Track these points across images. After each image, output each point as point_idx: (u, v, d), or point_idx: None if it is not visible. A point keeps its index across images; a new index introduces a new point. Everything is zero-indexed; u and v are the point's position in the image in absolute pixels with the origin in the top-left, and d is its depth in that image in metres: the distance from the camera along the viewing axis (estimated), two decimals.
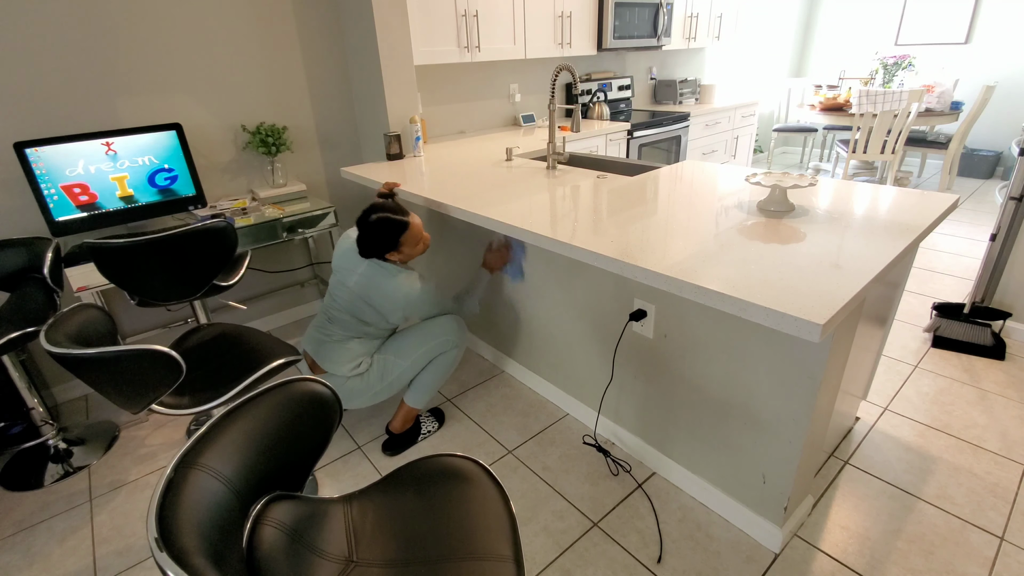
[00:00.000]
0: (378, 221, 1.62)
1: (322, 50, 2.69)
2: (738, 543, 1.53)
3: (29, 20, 1.96)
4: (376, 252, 1.66)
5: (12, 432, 2.08)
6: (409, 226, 1.66)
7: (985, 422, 1.94)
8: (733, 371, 1.42)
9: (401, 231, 1.65)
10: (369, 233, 1.63)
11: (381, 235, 1.63)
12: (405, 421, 1.97)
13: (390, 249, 1.66)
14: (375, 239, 1.63)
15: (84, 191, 2.06)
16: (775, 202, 1.56)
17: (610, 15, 3.39)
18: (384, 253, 1.67)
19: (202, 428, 0.88)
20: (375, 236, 1.63)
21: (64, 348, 1.17)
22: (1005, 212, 2.25)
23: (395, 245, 1.66)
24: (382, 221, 1.62)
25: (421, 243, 1.73)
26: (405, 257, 1.72)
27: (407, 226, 1.66)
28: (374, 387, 1.82)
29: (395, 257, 1.70)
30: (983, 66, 4.88)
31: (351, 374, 1.77)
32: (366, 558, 0.98)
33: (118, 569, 1.57)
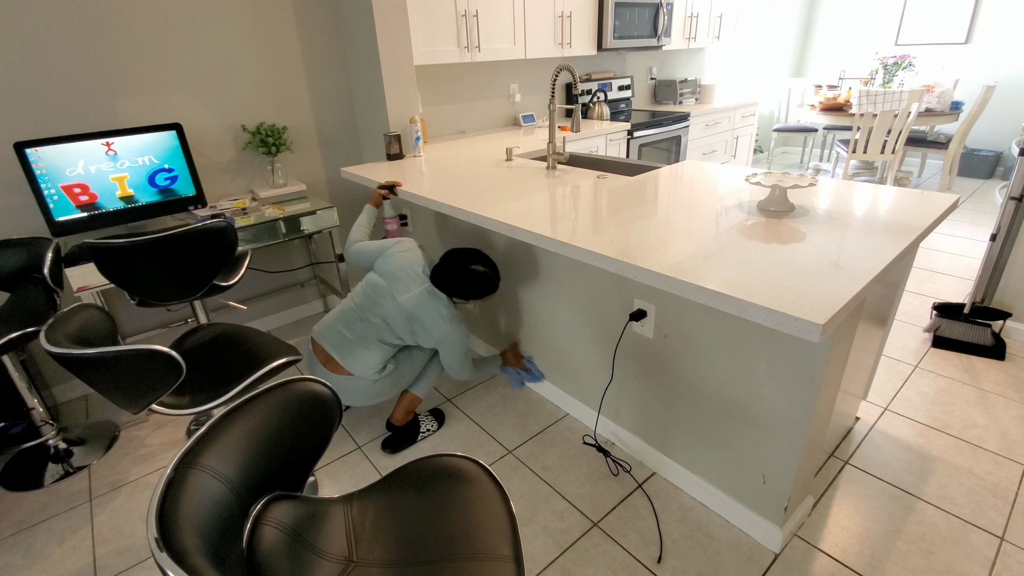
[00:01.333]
0: (482, 276, 1.69)
1: (322, 50, 2.69)
2: (738, 543, 1.53)
3: (29, 20, 1.96)
4: (450, 292, 1.72)
5: (12, 432, 2.08)
6: (497, 290, 1.74)
7: (985, 422, 1.94)
8: (733, 371, 1.42)
9: (491, 292, 1.73)
10: (463, 277, 1.67)
11: (473, 286, 1.69)
12: (407, 412, 1.97)
13: (467, 299, 1.73)
14: (464, 284, 1.69)
15: (84, 191, 2.06)
16: (775, 202, 1.56)
17: (610, 15, 3.39)
18: (457, 296, 1.73)
19: (202, 428, 0.88)
20: (467, 283, 1.68)
21: (64, 348, 1.17)
22: (1005, 212, 2.25)
23: (475, 298, 1.73)
24: (486, 278, 1.70)
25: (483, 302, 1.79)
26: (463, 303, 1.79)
27: (496, 290, 1.75)
28: (397, 386, 1.86)
29: (459, 301, 1.76)
30: (983, 66, 4.88)
31: (381, 376, 1.79)
32: (366, 558, 0.98)
33: (118, 569, 1.57)
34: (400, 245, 1.85)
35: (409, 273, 1.76)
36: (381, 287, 1.77)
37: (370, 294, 1.79)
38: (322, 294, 3.11)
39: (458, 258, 1.70)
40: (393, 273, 1.77)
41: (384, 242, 1.88)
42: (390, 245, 1.85)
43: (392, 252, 1.82)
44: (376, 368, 1.77)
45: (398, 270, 1.77)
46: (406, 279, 1.75)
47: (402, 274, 1.76)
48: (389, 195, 2.14)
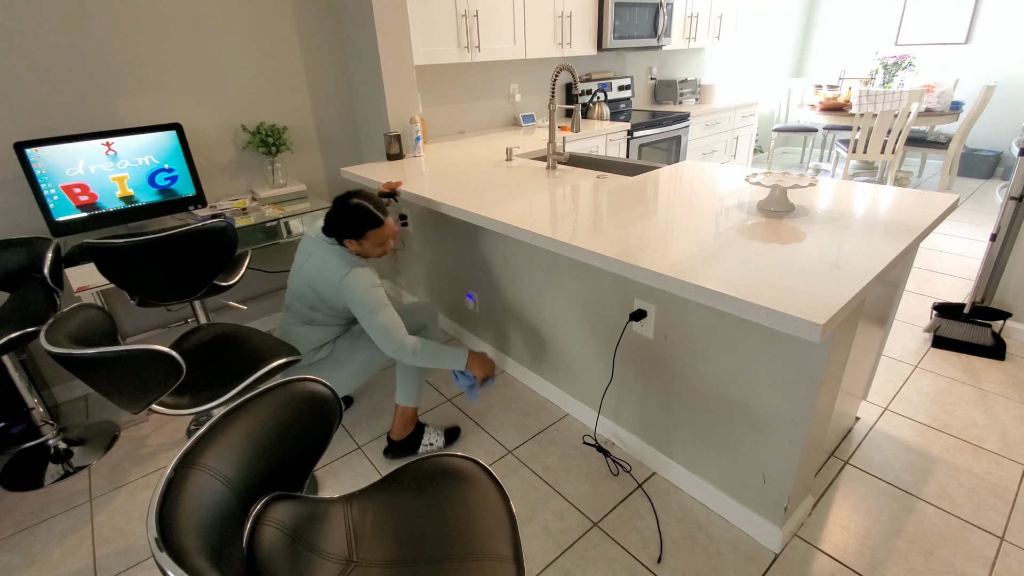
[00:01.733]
0: (356, 207, 1.60)
1: (322, 50, 2.69)
2: (738, 543, 1.53)
3: (29, 20, 1.96)
4: (338, 233, 1.62)
5: (12, 432, 2.08)
6: (383, 224, 1.63)
7: (985, 422, 1.94)
8: (733, 371, 1.42)
9: (372, 225, 1.61)
10: (342, 213, 1.60)
11: (352, 219, 1.59)
12: (404, 426, 1.89)
13: (352, 236, 1.62)
14: (345, 220, 1.60)
15: (84, 191, 2.06)
16: (775, 202, 1.56)
17: (610, 15, 3.39)
18: (345, 237, 1.62)
19: (202, 428, 0.88)
20: (346, 218, 1.59)
21: (64, 348, 1.17)
22: (1005, 212, 2.25)
23: (359, 234, 1.61)
24: (360, 208, 1.60)
25: (383, 247, 1.68)
26: (362, 252, 1.67)
27: (380, 223, 1.62)
28: (343, 370, 1.76)
29: (353, 247, 1.65)
30: (983, 66, 4.88)
31: (312, 361, 1.75)
32: (366, 558, 0.98)
33: (118, 569, 1.57)
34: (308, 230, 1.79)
35: (308, 242, 1.71)
36: (293, 269, 1.75)
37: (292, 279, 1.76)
38: None
39: (340, 199, 1.63)
40: (299, 251, 1.74)
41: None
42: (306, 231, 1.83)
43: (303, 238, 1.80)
44: (303, 348, 1.73)
45: (302, 242, 1.74)
46: (307, 247, 1.70)
47: (304, 245, 1.72)
48: (389, 203, 2.08)
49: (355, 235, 1.61)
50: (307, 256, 1.69)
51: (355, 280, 1.59)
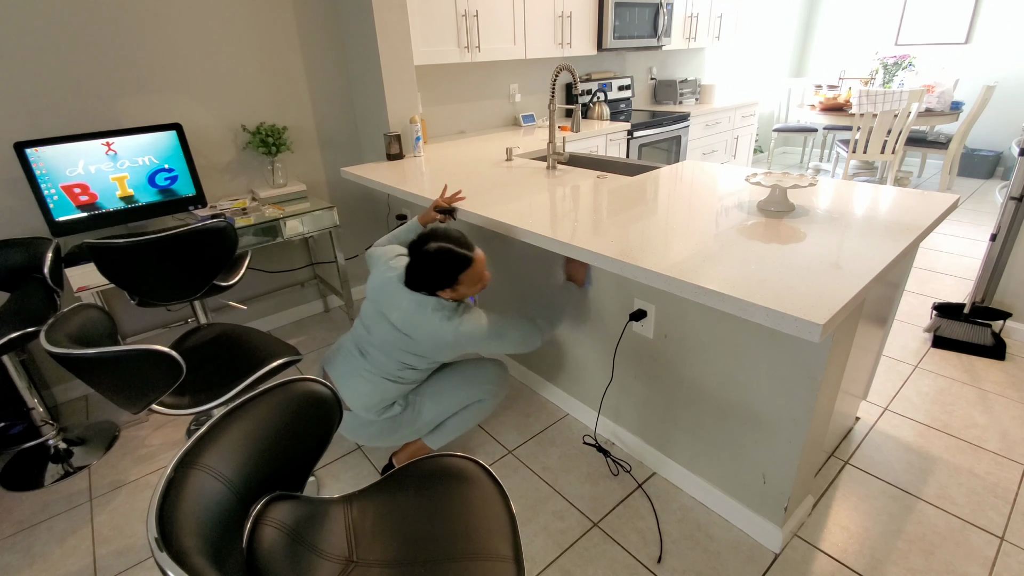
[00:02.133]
0: (438, 252, 1.38)
1: (322, 50, 2.69)
2: (738, 543, 1.53)
3: (29, 20, 1.96)
4: (427, 287, 1.43)
5: (12, 432, 2.08)
6: (472, 263, 1.42)
7: (985, 422, 1.94)
8: (733, 371, 1.42)
9: (462, 267, 1.40)
10: (424, 264, 1.40)
11: (438, 269, 1.39)
12: (410, 458, 1.78)
13: (445, 286, 1.42)
14: (430, 272, 1.40)
15: (84, 191, 2.06)
16: (775, 202, 1.56)
17: (610, 15, 3.39)
18: (436, 290, 1.43)
19: (202, 428, 0.88)
20: (430, 269, 1.40)
21: (64, 348, 1.17)
22: (1005, 212, 2.24)
23: (451, 282, 1.41)
24: (443, 253, 1.38)
25: (480, 283, 1.48)
26: (458, 296, 1.46)
27: (470, 262, 1.41)
28: (402, 430, 1.62)
29: (447, 295, 1.45)
30: (983, 66, 4.88)
31: (380, 418, 1.57)
32: (366, 558, 0.98)
33: (118, 569, 1.57)
34: (391, 252, 1.60)
35: (390, 288, 1.49)
36: (372, 312, 1.54)
37: (365, 324, 1.57)
38: (322, 294, 3.11)
39: (413, 249, 1.43)
40: (377, 292, 1.54)
41: (391, 250, 1.62)
42: (385, 253, 1.60)
43: (381, 263, 1.58)
44: (374, 407, 1.55)
45: (380, 286, 1.53)
46: (389, 293, 1.49)
47: (384, 289, 1.51)
48: (445, 220, 1.78)
49: (446, 283, 1.42)
50: (391, 306, 1.48)
51: (468, 330, 1.43)
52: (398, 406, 1.60)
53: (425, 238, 1.42)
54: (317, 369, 2.50)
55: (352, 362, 1.57)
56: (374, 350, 1.53)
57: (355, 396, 1.55)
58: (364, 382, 1.54)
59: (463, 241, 1.43)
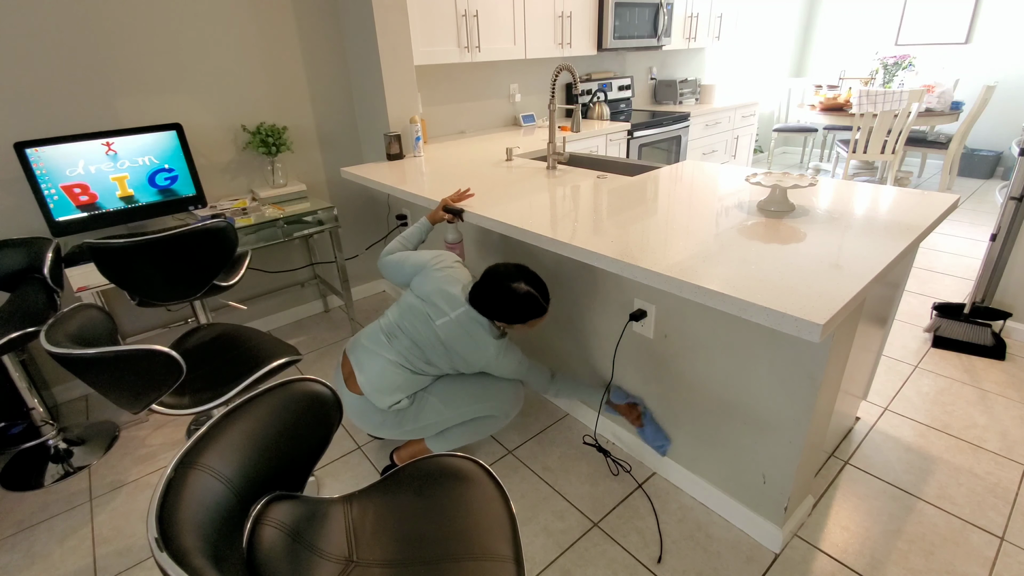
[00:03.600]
0: (527, 297, 1.44)
1: (322, 50, 2.69)
2: (738, 543, 1.53)
3: (29, 20, 1.96)
4: (494, 314, 1.47)
5: (12, 432, 2.08)
6: (545, 314, 1.51)
7: (985, 422, 1.93)
8: (733, 371, 1.42)
9: (538, 316, 1.49)
10: (505, 298, 1.44)
11: (518, 309, 1.45)
12: (412, 457, 1.78)
13: (512, 323, 1.49)
14: (508, 306, 1.44)
15: (84, 191, 2.06)
16: (775, 202, 1.56)
17: (610, 15, 3.39)
18: (501, 320, 1.49)
19: (202, 428, 0.88)
20: (510, 305, 1.44)
21: (64, 348, 1.17)
22: (1005, 212, 2.24)
23: (520, 322, 1.49)
24: (529, 299, 1.45)
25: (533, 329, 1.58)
26: (509, 329, 1.54)
27: (544, 313, 1.50)
28: (405, 425, 1.63)
29: (503, 326, 1.52)
30: (983, 66, 4.88)
31: (389, 406, 1.58)
32: (366, 558, 0.98)
33: (118, 569, 1.57)
34: (439, 260, 1.62)
35: (447, 294, 1.53)
36: (417, 310, 1.56)
37: (404, 314, 1.59)
38: (322, 294, 3.11)
39: (498, 275, 1.47)
40: (429, 295, 1.55)
41: (422, 256, 1.65)
42: (428, 260, 1.62)
43: (430, 269, 1.59)
44: (388, 394, 1.56)
45: (435, 291, 1.54)
46: (443, 301, 1.52)
47: (439, 295, 1.53)
48: (453, 220, 1.80)
49: (515, 322, 1.49)
50: (439, 311, 1.52)
51: (508, 360, 1.53)
52: (406, 400, 1.59)
53: (515, 274, 1.47)
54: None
55: (376, 345, 1.59)
56: (405, 338, 1.57)
57: (370, 378, 1.56)
58: (382, 366, 1.56)
59: (547, 292, 1.52)
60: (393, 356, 1.56)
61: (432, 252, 1.66)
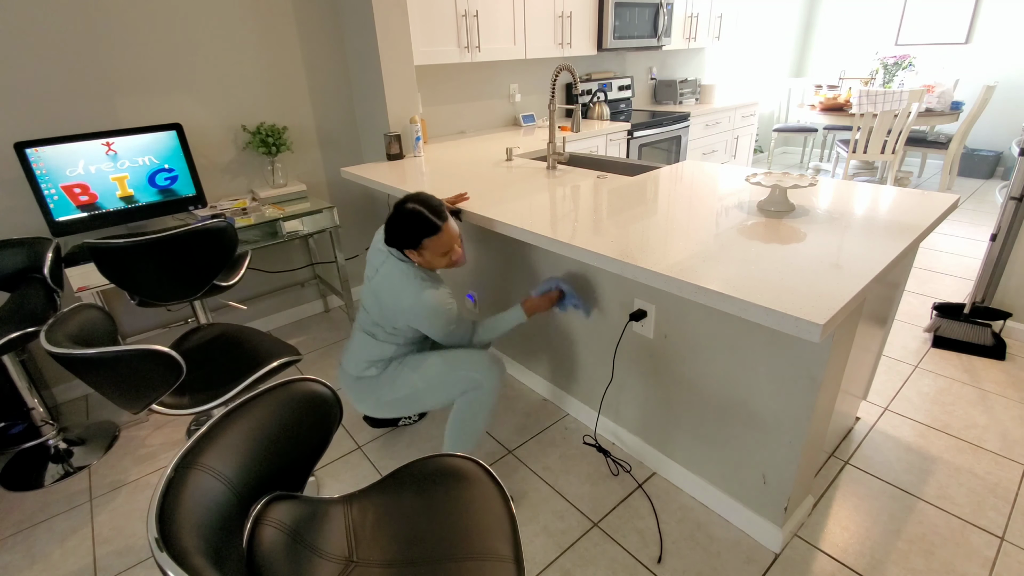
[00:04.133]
0: (410, 213, 1.46)
1: (322, 50, 2.69)
2: (738, 543, 1.53)
3: (29, 20, 1.96)
4: (396, 243, 1.50)
5: (12, 432, 2.08)
6: (439, 231, 1.47)
7: (985, 422, 1.93)
8: (733, 371, 1.42)
9: (428, 232, 1.46)
10: (396, 220, 1.48)
11: (406, 227, 1.47)
12: None
13: (410, 246, 1.49)
14: (399, 228, 1.48)
15: (84, 191, 2.06)
16: (775, 202, 1.56)
17: (610, 15, 3.39)
18: (403, 247, 1.50)
19: (202, 428, 0.88)
20: (400, 226, 1.47)
21: (64, 348, 1.17)
22: (1005, 212, 2.24)
23: (416, 243, 1.48)
24: (413, 214, 1.46)
25: (448, 256, 1.53)
26: (425, 262, 1.53)
27: (437, 230, 1.47)
28: (382, 396, 1.64)
29: (414, 258, 1.52)
30: (983, 66, 4.88)
31: (359, 374, 1.65)
32: (366, 558, 0.98)
33: (118, 569, 1.57)
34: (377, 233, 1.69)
35: (376, 251, 1.61)
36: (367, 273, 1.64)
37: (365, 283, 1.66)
38: (322, 294, 3.11)
39: (398, 204, 1.50)
40: (369, 258, 1.65)
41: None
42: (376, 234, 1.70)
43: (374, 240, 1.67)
44: (356, 363, 1.64)
45: (371, 253, 1.63)
46: (375, 258, 1.60)
47: (372, 255, 1.62)
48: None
49: (412, 244, 1.49)
50: (375, 269, 1.59)
51: (427, 299, 1.49)
52: (375, 368, 1.64)
53: (408, 197, 1.51)
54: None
55: (359, 318, 1.69)
56: (363, 306, 1.66)
57: (346, 351, 1.69)
58: (356, 335, 1.68)
59: (438, 209, 1.49)
60: (359, 324, 1.68)
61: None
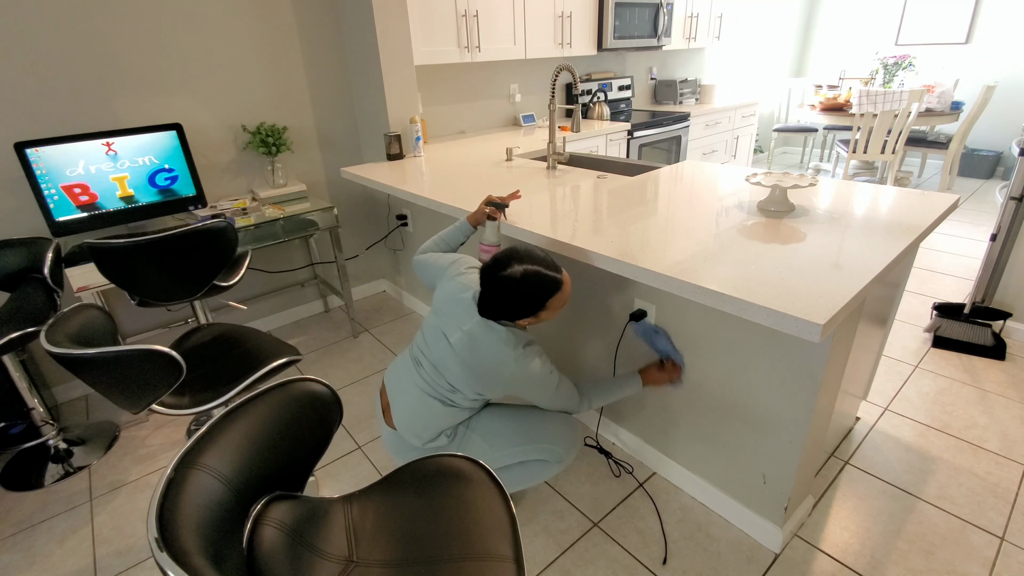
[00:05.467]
0: (526, 276, 1.20)
1: (322, 50, 2.69)
2: (738, 543, 1.53)
3: (29, 20, 1.96)
4: (508, 315, 1.24)
5: (12, 432, 2.08)
6: (563, 285, 1.25)
7: (985, 422, 1.93)
8: (733, 371, 1.42)
9: (552, 291, 1.23)
10: (508, 290, 1.20)
11: (526, 295, 1.21)
12: None
13: (529, 314, 1.25)
14: (514, 299, 1.21)
15: (84, 191, 2.06)
16: (775, 202, 1.56)
17: (610, 15, 3.39)
18: (519, 318, 1.26)
19: (202, 428, 0.88)
20: (516, 295, 1.20)
21: (64, 348, 1.17)
22: (1005, 212, 2.24)
23: (538, 308, 1.24)
24: (533, 279, 1.20)
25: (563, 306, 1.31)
26: (535, 322, 1.31)
27: (560, 285, 1.24)
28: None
29: (528, 322, 1.30)
30: (983, 66, 4.88)
31: (427, 444, 1.40)
32: (366, 558, 0.98)
33: (118, 569, 1.57)
34: (456, 265, 1.42)
35: (457, 306, 1.32)
36: (434, 328, 1.37)
37: (425, 335, 1.40)
38: (322, 294, 3.11)
39: (490, 271, 1.23)
40: (443, 307, 1.36)
41: (445, 259, 1.46)
42: (447, 265, 1.44)
43: (446, 277, 1.40)
44: (423, 431, 1.38)
45: (447, 300, 1.35)
46: (456, 311, 1.32)
47: (451, 305, 1.34)
48: (497, 215, 1.57)
49: (533, 312, 1.25)
50: (456, 328, 1.31)
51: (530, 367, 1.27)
52: (444, 437, 1.41)
53: (505, 260, 1.23)
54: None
55: (407, 373, 1.42)
56: (428, 362, 1.38)
57: (404, 414, 1.39)
58: (414, 398, 1.38)
59: (550, 261, 1.26)
60: (421, 384, 1.38)
61: (454, 256, 1.47)
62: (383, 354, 2.62)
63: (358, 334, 2.82)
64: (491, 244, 1.58)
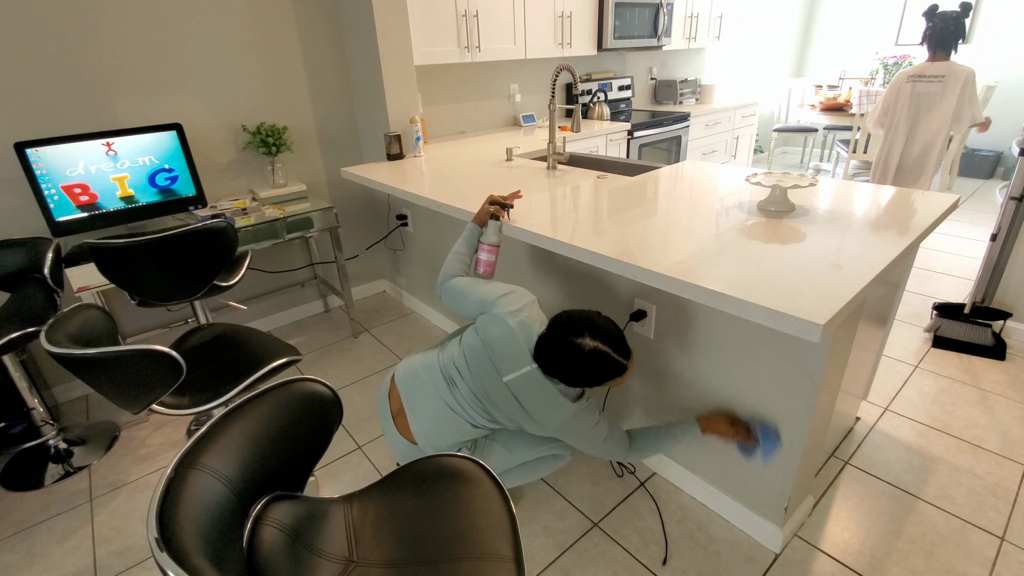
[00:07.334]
0: (594, 355, 1.16)
1: (322, 50, 2.69)
2: (738, 543, 1.53)
3: (29, 20, 1.96)
4: (561, 377, 1.22)
5: (12, 432, 2.08)
6: (625, 372, 1.21)
7: (985, 422, 1.93)
8: (733, 371, 1.42)
9: (614, 375, 1.20)
10: (570, 359, 1.18)
11: (587, 371, 1.18)
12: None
13: (580, 386, 1.23)
14: (573, 369, 1.18)
15: (84, 191, 2.06)
16: (775, 202, 1.56)
17: (610, 15, 3.39)
18: (570, 385, 1.24)
19: (202, 428, 0.88)
20: (576, 367, 1.18)
21: (65, 348, 1.17)
22: (1005, 212, 2.24)
23: (592, 385, 1.22)
24: (599, 357, 1.17)
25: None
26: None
27: (622, 372, 1.20)
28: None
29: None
30: (983, 66, 4.87)
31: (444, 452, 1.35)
32: (366, 558, 0.98)
33: (118, 569, 1.57)
34: (508, 300, 1.34)
35: (515, 345, 1.27)
36: (481, 356, 1.31)
37: (470, 359, 1.33)
38: (322, 294, 3.11)
39: (561, 327, 1.20)
40: (495, 342, 1.29)
41: (490, 291, 1.38)
42: (496, 298, 1.35)
43: (499, 309, 1.32)
44: (443, 445, 1.37)
45: (502, 339, 1.28)
46: (512, 353, 1.27)
47: (507, 346, 1.28)
48: (501, 214, 1.58)
49: (585, 384, 1.22)
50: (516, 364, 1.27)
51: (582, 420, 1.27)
52: (465, 448, 1.41)
53: (579, 326, 1.19)
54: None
55: (434, 388, 1.36)
56: (466, 388, 1.33)
57: (426, 426, 1.35)
58: (442, 417, 1.34)
59: (622, 343, 1.21)
60: (453, 405, 1.34)
61: (502, 287, 1.39)
62: (383, 354, 2.62)
63: (358, 334, 2.82)
64: (492, 244, 1.57)
